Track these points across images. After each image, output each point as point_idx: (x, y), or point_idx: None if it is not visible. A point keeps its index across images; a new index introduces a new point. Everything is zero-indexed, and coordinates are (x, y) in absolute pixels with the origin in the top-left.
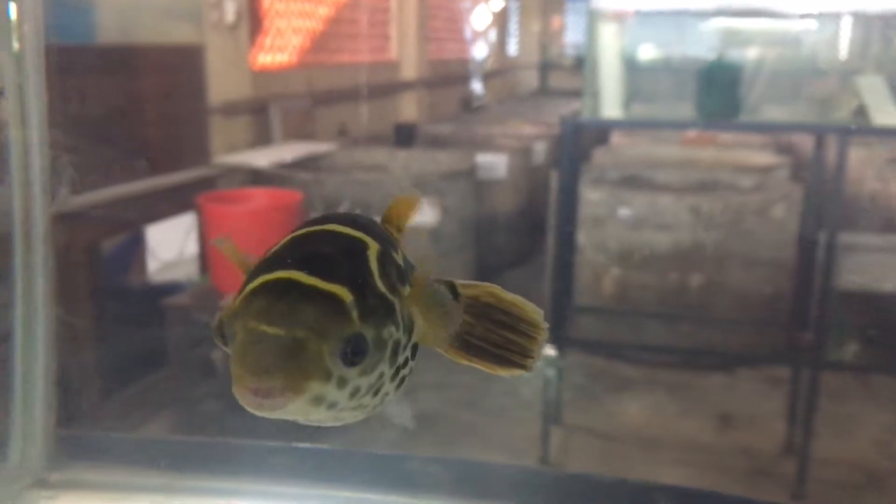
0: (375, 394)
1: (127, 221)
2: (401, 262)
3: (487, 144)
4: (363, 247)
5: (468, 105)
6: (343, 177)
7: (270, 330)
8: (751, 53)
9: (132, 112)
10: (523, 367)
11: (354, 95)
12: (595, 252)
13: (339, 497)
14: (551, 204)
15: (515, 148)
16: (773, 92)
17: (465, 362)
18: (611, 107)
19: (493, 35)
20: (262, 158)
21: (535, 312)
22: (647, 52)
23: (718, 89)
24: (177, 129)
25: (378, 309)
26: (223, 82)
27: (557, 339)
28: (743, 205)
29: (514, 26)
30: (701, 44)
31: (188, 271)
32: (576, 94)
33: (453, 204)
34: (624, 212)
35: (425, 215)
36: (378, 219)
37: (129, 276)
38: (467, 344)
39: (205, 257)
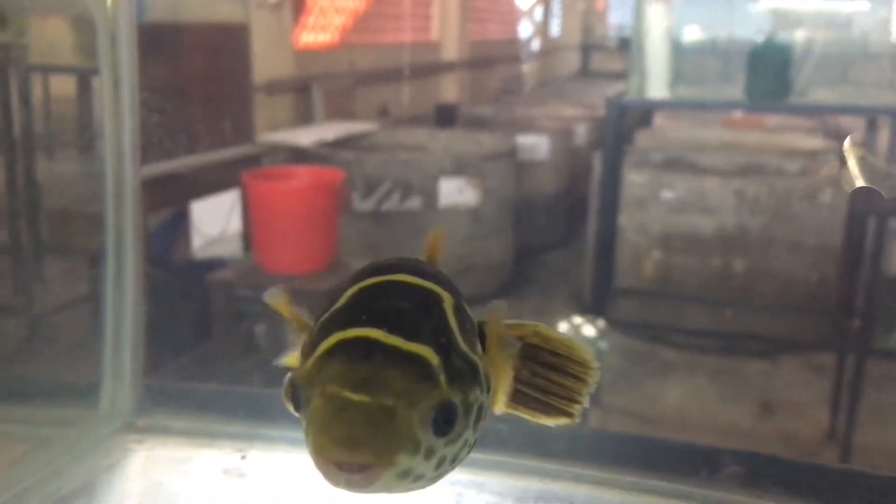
0: (453, 462)
1: (173, 197)
2: (469, 311)
3: (528, 126)
4: (439, 300)
5: (511, 87)
6: (384, 156)
7: (356, 397)
8: (800, 35)
9: (179, 90)
10: (568, 414)
11: (396, 76)
12: (637, 234)
13: None
14: (592, 186)
15: (556, 130)
16: (822, 74)
17: (508, 411)
18: (656, 87)
19: (535, 16)
20: (304, 137)
21: (585, 351)
22: (693, 34)
23: (767, 70)
24: (221, 107)
25: (464, 371)
26: (267, 61)
27: (598, 322)
28: (789, 189)
29: (557, 7)
30: (749, 25)
31: (232, 248)
32: (619, 76)
33: (493, 185)
34: (667, 194)
35: (466, 196)
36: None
37: (175, 251)
38: (513, 391)
39: (248, 234)
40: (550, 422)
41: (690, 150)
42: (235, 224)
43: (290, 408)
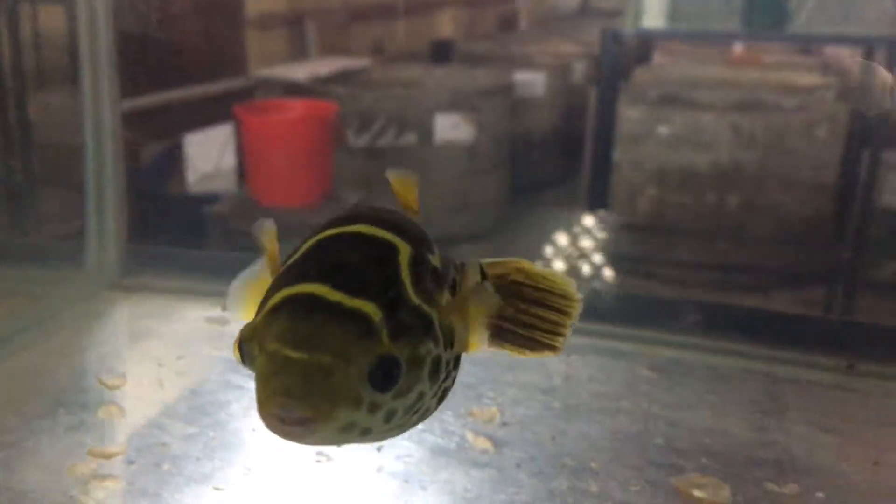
0: (415, 413)
1: (166, 128)
2: (436, 263)
3: (525, 63)
4: (394, 252)
5: (508, 24)
6: (379, 92)
7: (294, 354)
8: None
9: (170, 22)
10: (552, 347)
11: (390, 12)
12: (632, 170)
13: None
14: (589, 122)
15: (554, 66)
16: (823, 7)
17: (492, 347)
18: (653, 20)
19: None
20: (298, 72)
21: (567, 283)
22: None
23: (766, 1)
24: (214, 39)
25: (412, 325)
26: None
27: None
28: (785, 124)
29: None
30: None
31: (226, 183)
32: (620, 14)
33: (489, 121)
34: (663, 130)
35: (461, 132)
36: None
37: (169, 185)
38: (496, 328)
39: (242, 168)
40: (535, 356)
41: (688, 86)
42: (230, 159)
43: (240, 362)
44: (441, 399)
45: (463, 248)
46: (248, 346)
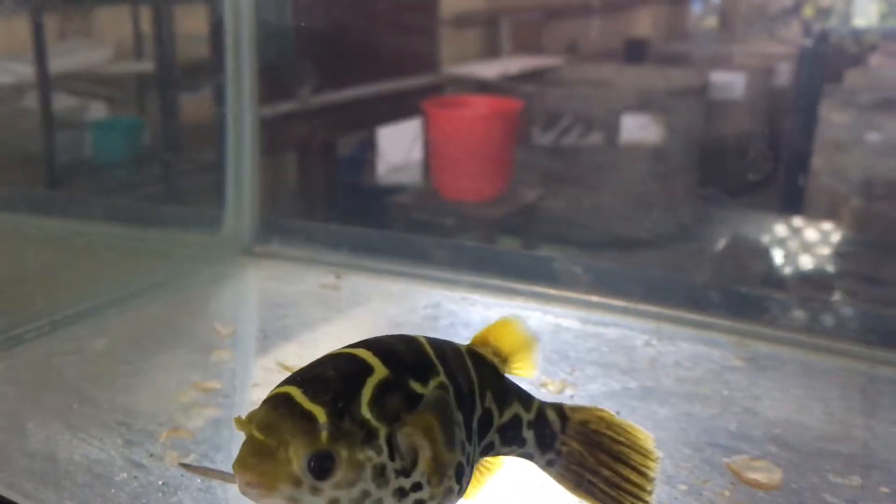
0: None
1: (362, 120)
2: (421, 390)
3: (725, 63)
4: (367, 373)
5: (711, 21)
6: (566, 90)
7: (257, 435)
8: None
9: (368, 21)
10: None
11: (586, 10)
12: (833, 179)
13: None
14: (788, 126)
15: (756, 67)
16: None
17: (576, 496)
18: (864, 18)
19: None
20: (488, 70)
21: (647, 439)
22: None
23: None
24: (409, 38)
25: (353, 433)
26: None
27: None
28: None
29: None
30: None
31: (412, 175)
32: (828, 13)
33: (679, 123)
34: (873, 136)
35: (648, 133)
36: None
37: (362, 176)
38: (579, 477)
39: (428, 162)
40: None
41: None
42: (417, 153)
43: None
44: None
45: (644, 254)
46: (243, 425)
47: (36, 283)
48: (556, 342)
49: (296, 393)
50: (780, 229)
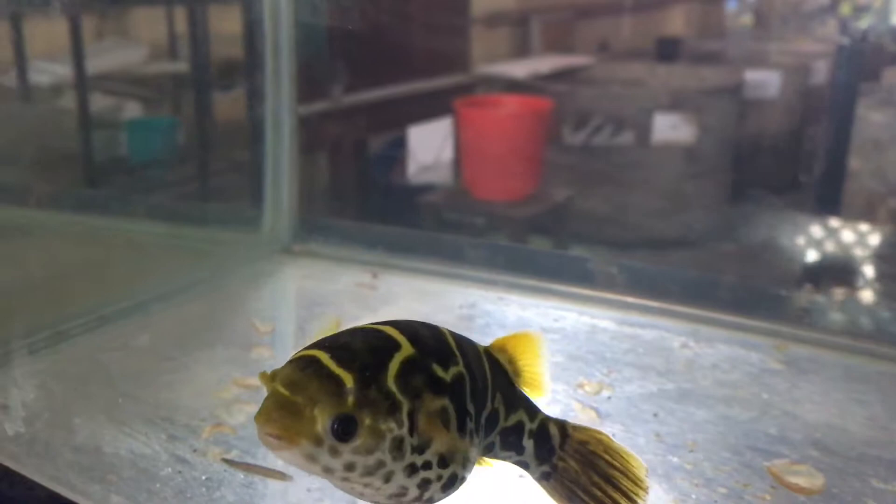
0: (386, 481)
1: (393, 120)
2: (444, 376)
3: (760, 61)
4: (395, 348)
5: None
6: (597, 89)
7: (282, 391)
8: None
9: (400, 20)
10: None
11: (617, 9)
12: (871, 179)
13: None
14: (824, 125)
15: (791, 66)
16: None
17: None
18: None
19: None
20: (518, 69)
21: (640, 468)
22: None
23: None
24: (440, 37)
25: (378, 402)
26: None
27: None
28: None
29: None
30: None
31: (443, 175)
32: (866, 11)
33: (712, 122)
34: None
35: (680, 133)
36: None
37: (392, 175)
38: (571, 493)
39: (459, 162)
40: None
41: None
42: (448, 152)
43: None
44: (422, 488)
45: (676, 255)
46: (267, 382)
47: (81, 280)
48: (592, 343)
49: (324, 357)
50: (817, 230)
